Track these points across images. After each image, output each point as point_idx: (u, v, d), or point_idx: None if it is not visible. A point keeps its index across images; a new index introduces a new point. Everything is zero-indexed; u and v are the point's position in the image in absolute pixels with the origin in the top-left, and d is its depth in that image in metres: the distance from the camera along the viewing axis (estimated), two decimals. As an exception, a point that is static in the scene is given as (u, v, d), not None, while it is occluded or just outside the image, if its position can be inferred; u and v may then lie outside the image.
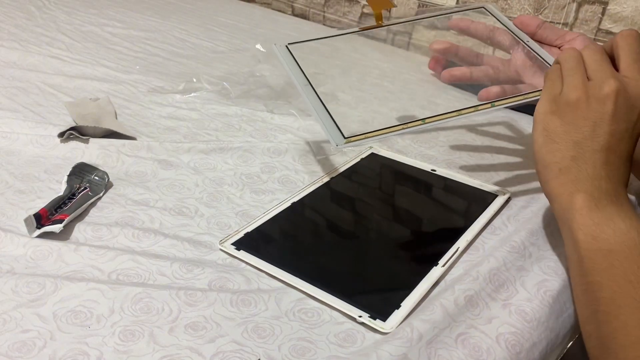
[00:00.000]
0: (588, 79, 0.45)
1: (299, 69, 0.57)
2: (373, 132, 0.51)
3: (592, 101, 0.43)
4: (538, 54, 0.56)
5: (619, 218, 0.41)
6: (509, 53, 0.60)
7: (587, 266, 0.40)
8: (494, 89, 0.56)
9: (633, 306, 0.38)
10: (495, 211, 0.54)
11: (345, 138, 0.50)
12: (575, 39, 0.55)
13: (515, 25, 0.60)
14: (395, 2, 1.23)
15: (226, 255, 0.48)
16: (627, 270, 0.39)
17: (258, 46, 0.86)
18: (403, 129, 0.51)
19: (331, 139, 0.50)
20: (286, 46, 0.61)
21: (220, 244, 0.48)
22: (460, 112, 0.52)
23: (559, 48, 0.57)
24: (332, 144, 0.50)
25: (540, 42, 0.58)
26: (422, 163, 0.63)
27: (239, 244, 0.49)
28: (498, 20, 0.62)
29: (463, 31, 0.62)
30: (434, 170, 0.61)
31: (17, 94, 0.75)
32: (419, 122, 0.51)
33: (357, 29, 0.64)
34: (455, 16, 0.64)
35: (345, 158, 0.64)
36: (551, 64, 0.55)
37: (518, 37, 0.58)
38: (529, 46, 0.57)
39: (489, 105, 0.53)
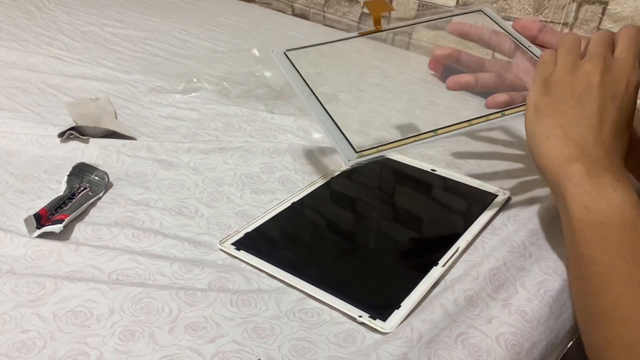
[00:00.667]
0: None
1: (300, 77, 0.56)
2: (385, 145, 0.50)
3: (578, 74, 0.44)
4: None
5: (611, 188, 0.40)
6: (510, 57, 0.60)
7: (579, 238, 0.40)
8: (501, 98, 0.55)
9: (625, 282, 0.37)
10: (495, 211, 0.54)
11: (356, 152, 0.49)
12: None
13: (515, 29, 0.59)
14: (394, 6, 1.23)
15: (226, 255, 0.48)
16: (621, 244, 0.38)
17: (254, 51, 0.85)
18: (415, 141, 0.50)
19: (342, 154, 0.49)
20: (284, 53, 0.60)
21: (220, 244, 0.48)
22: (471, 122, 0.51)
23: None
24: (344, 159, 0.48)
25: (542, 46, 0.58)
26: (422, 163, 0.63)
27: (239, 244, 0.49)
28: (497, 23, 0.61)
29: (462, 36, 0.61)
30: (434, 170, 0.61)
31: (17, 94, 0.75)
32: (431, 133, 0.51)
33: (356, 34, 0.63)
34: (454, 19, 0.63)
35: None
36: None
37: (518, 42, 0.58)
38: (530, 51, 0.57)
39: (499, 114, 0.52)
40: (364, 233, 0.53)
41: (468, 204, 0.57)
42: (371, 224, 0.54)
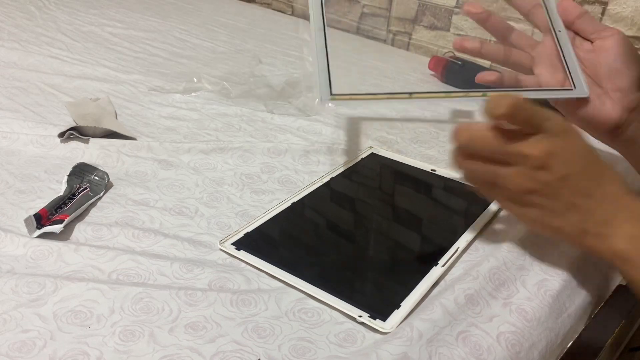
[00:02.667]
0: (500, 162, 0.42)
1: (321, 11, 0.56)
2: (359, 95, 0.52)
3: (533, 172, 0.41)
4: (562, 50, 0.54)
5: None
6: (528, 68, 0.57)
7: None
8: (490, 76, 0.54)
9: None
10: (495, 211, 0.54)
11: (331, 95, 0.51)
12: (610, 37, 0.52)
13: (557, 10, 0.56)
14: (394, 6, 1.23)
15: (226, 255, 0.48)
16: None
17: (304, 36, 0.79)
18: (388, 98, 0.52)
19: (320, 92, 0.51)
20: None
21: (220, 244, 0.48)
22: (449, 94, 0.52)
23: (592, 42, 0.53)
24: (319, 98, 0.51)
25: (576, 32, 0.55)
26: (422, 163, 0.63)
27: (239, 244, 0.49)
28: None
29: (471, 52, 0.58)
30: (434, 170, 0.61)
31: (17, 94, 0.75)
32: (406, 95, 0.51)
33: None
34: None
35: (345, 158, 0.64)
36: (570, 60, 0.53)
37: (551, 23, 0.55)
38: (557, 38, 0.54)
39: (481, 94, 0.52)
40: (364, 233, 0.53)
41: (468, 204, 0.57)
42: (371, 224, 0.54)
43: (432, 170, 0.61)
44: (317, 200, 0.56)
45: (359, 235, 0.52)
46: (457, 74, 0.92)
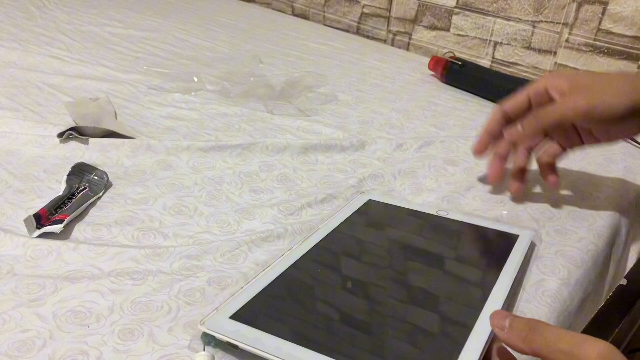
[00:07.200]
0: None
1: None
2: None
3: None
4: None
5: None
6: None
7: None
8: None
9: None
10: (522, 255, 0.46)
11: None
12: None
13: None
14: (394, 6, 1.23)
15: (225, 254, 0.47)
16: None
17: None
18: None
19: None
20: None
21: (200, 324, 0.38)
22: None
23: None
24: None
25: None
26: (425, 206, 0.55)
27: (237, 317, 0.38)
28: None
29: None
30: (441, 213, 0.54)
31: (16, 93, 0.75)
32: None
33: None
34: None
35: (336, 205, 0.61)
36: None
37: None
38: None
39: None
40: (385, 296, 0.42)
41: (489, 248, 0.49)
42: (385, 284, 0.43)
43: (438, 212, 0.53)
44: (312, 265, 0.45)
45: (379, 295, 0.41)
46: (457, 74, 0.92)
